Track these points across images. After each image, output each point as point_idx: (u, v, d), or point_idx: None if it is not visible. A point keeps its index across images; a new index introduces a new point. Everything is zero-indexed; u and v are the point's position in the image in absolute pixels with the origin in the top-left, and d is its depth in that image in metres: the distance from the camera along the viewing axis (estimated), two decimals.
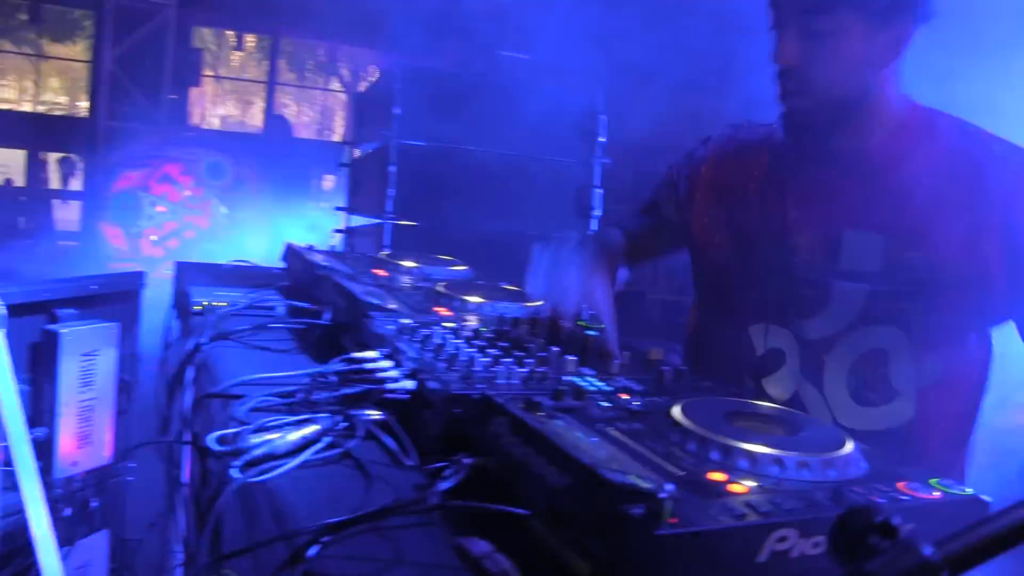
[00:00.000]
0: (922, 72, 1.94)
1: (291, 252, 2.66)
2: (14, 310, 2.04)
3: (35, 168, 11.95)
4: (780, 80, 1.92)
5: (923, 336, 1.89)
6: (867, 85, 1.88)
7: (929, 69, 1.99)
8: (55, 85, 19.89)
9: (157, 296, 2.85)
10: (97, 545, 2.51)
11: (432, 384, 1.43)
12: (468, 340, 1.69)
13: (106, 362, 2.44)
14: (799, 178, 2.03)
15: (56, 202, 11.84)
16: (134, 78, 9.98)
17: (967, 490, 1.25)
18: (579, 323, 2.03)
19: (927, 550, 0.61)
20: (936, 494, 1.22)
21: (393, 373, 1.53)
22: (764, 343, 2.06)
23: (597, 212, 4.98)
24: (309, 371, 1.65)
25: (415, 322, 1.80)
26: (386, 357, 1.61)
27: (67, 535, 2.32)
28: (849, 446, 1.29)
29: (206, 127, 17.67)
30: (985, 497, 1.24)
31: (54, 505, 2.20)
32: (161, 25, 10.09)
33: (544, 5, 10.74)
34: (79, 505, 2.36)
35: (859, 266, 1.90)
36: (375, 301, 1.93)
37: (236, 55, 19.41)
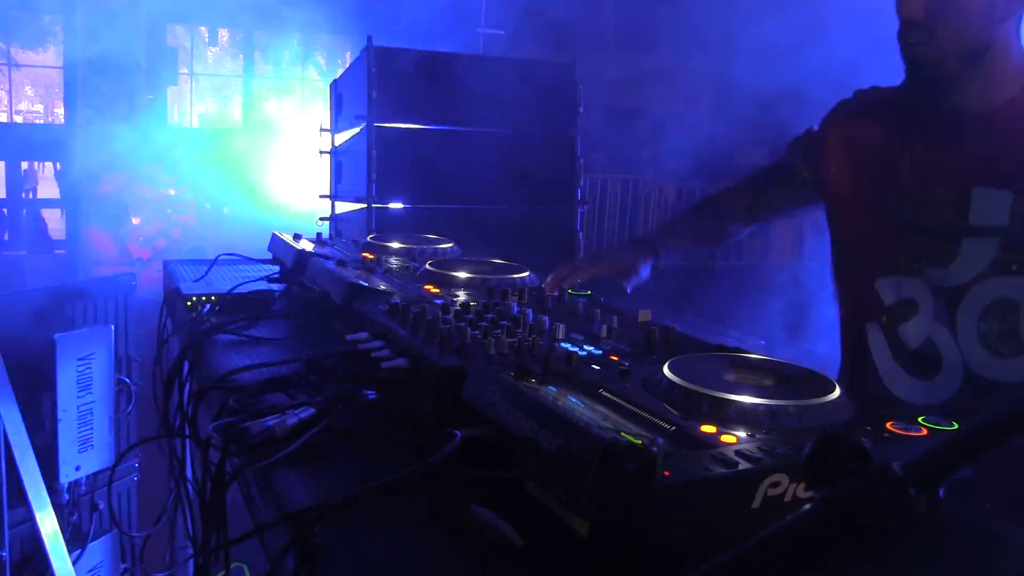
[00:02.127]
0: None
1: (278, 242, 2.66)
2: (7, 319, 2.05)
3: (14, 178, 11.89)
4: (905, 33, 1.94)
5: None
6: (991, 37, 1.90)
7: None
8: (30, 93, 19.77)
9: (149, 296, 2.86)
10: (107, 546, 2.53)
11: (424, 359, 1.45)
12: (458, 315, 1.70)
13: (102, 365, 2.45)
14: (927, 134, 2.06)
15: (40, 211, 11.80)
16: (109, 81, 9.92)
17: (954, 425, 1.27)
18: (570, 291, 2.05)
19: (899, 469, 0.63)
20: (923, 431, 1.24)
21: (386, 352, 1.54)
22: (897, 293, 2.10)
23: (580, 183, 4.99)
24: (303, 356, 1.67)
25: (405, 301, 1.82)
26: (378, 337, 1.63)
27: (77, 539, 2.34)
28: (836, 392, 1.30)
29: (186, 125, 17.60)
30: None
31: (61, 511, 2.22)
32: (132, 25, 10.02)
33: None
34: (86, 509, 2.38)
35: (988, 221, 1.93)
36: (364, 284, 1.94)
37: (211, 51, 19.29)
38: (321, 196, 5.32)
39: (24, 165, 12.39)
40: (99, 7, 9.80)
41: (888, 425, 1.25)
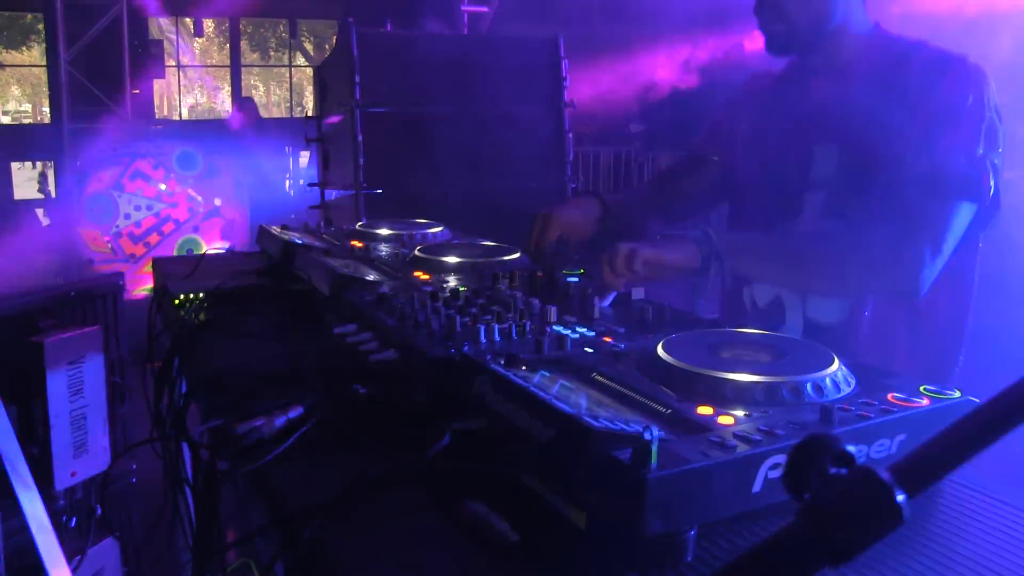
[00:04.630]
0: None
1: (265, 234, 2.64)
2: None
3: (4, 178, 11.85)
4: (759, 10, 2.20)
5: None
6: (832, 12, 2.15)
7: None
8: (16, 93, 19.71)
9: (142, 294, 2.83)
10: (107, 552, 2.51)
11: (412, 350, 1.42)
12: (447, 302, 1.68)
13: (93, 368, 2.42)
14: (784, 101, 2.31)
15: (31, 211, 11.77)
16: (93, 77, 9.86)
17: (956, 393, 1.25)
18: (563, 271, 2.02)
19: (884, 474, 0.60)
20: (925, 401, 1.22)
21: (374, 344, 1.52)
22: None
23: (569, 158, 4.95)
24: (292, 351, 1.64)
25: (393, 290, 1.79)
26: (366, 328, 1.60)
27: (76, 545, 2.32)
28: (835, 365, 1.28)
29: (175, 118, 17.55)
30: (973, 398, 1.24)
31: (58, 518, 2.19)
32: (114, 20, 9.96)
33: None
34: (84, 514, 2.36)
35: (822, 173, 2.15)
36: (352, 273, 1.92)
37: (197, 42, 19.23)
38: (310, 184, 5.29)
39: (16, 165, 12.35)
40: (80, 2, 9.74)
41: (890, 397, 1.23)
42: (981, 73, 2.03)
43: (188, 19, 17.26)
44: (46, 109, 13.38)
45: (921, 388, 1.26)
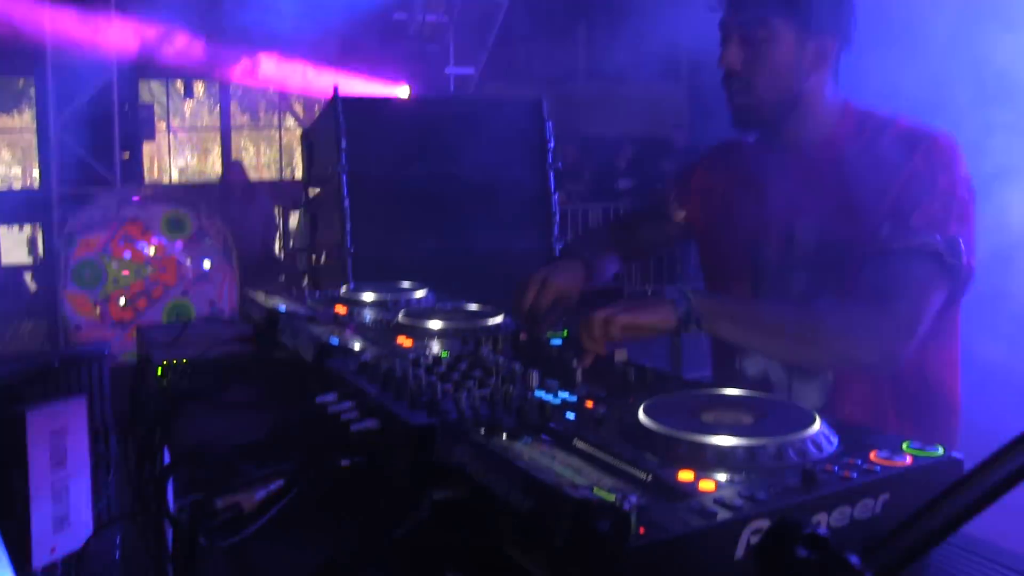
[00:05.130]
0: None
1: (249, 301, 2.63)
2: None
3: None
4: (726, 83, 2.21)
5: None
6: (800, 88, 2.16)
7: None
8: (7, 158, 19.77)
9: (130, 360, 2.82)
10: None
11: (393, 419, 1.42)
12: (429, 368, 1.67)
13: (77, 438, 2.40)
14: (760, 177, 2.30)
15: (20, 275, 11.76)
16: (83, 142, 9.90)
17: (939, 450, 1.25)
18: (548, 334, 2.02)
19: (854, 559, 0.60)
20: (908, 459, 1.22)
21: (356, 413, 1.51)
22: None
23: (556, 218, 4.98)
24: (273, 422, 1.63)
25: (376, 357, 1.79)
26: (348, 397, 1.59)
27: None
28: (817, 424, 1.28)
29: (165, 181, 17.60)
30: (957, 455, 1.24)
31: None
32: (105, 84, 10.02)
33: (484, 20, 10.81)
34: None
35: (807, 252, 2.16)
36: (335, 341, 1.91)
37: (188, 104, 19.34)
38: (298, 248, 5.31)
39: (4, 229, 12.37)
40: (71, 67, 9.80)
41: (873, 455, 1.22)
42: (953, 149, 2.06)
43: (179, 82, 17.39)
44: (36, 173, 13.42)
45: (904, 446, 1.26)
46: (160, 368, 2.23)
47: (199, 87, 18.22)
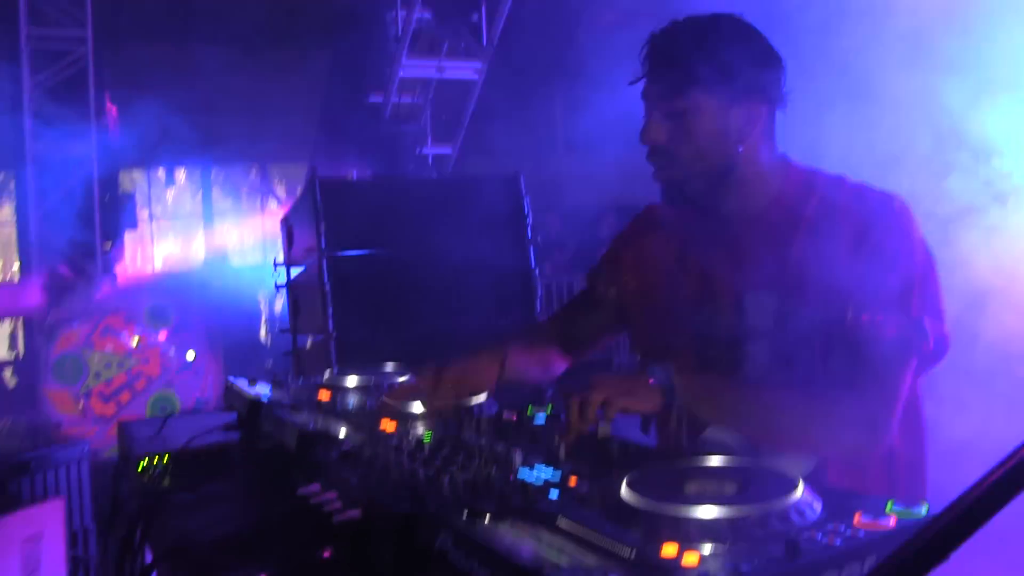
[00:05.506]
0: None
1: (232, 390, 2.62)
2: None
3: None
4: (651, 158, 2.13)
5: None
6: (730, 156, 2.06)
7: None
8: None
9: (112, 457, 2.80)
10: None
11: (376, 509, 1.41)
12: (411, 454, 1.66)
13: (53, 543, 2.36)
14: (702, 245, 2.20)
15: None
16: (64, 234, 9.90)
17: (923, 510, 1.25)
18: (528, 412, 2.01)
19: None
20: (892, 521, 1.21)
21: (339, 503, 1.50)
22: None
23: (538, 293, 4.99)
24: (256, 515, 1.62)
25: (358, 444, 1.78)
26: (331, 487, 1.58)
27: None
28: (799, 491, 1.27)
29: (149, 270, 17.58)
30: None
31: None
32: (86, 176, 10.06)
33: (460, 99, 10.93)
34: None
35: (760, 324, 2.05)
36: (318, 429, 1.90)
37: (170, 191, 19.37)
38: (281, 330, 5.30)
39: None
40: (50, 160, 9.84)
41: (856, 519, 1.22)
42: (905, 212, 2.00)
43: (160, 170, 17.44)
44: (16, 267, 13.39)
45: (888, 506, 1.26)
46: (141, 463, 2.21)
47: (181, 174, 18.29)
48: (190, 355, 8.78)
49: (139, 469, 2.21)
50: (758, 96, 2.06)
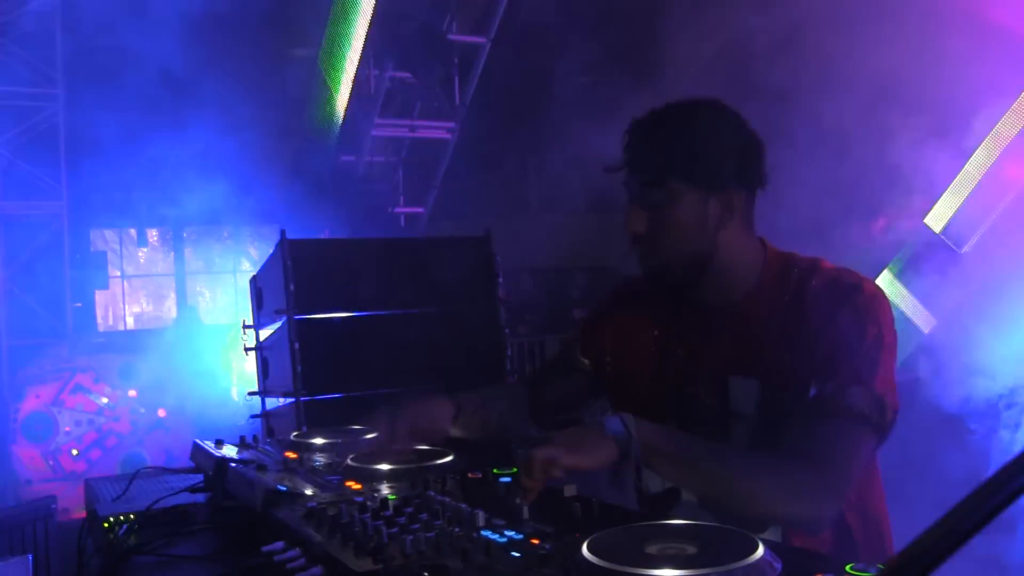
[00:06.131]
0: None
1: (199, 450, 2.62)
2: None
3: None
4: (633, 248, 2.16)
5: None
6: (709, 244, 2.10)
7: None
8: None
9: (81, 514, 2.77)
10: None
11: (339, 568, 1.42)
12: (375, 513, 1.67)
13: None
14: (685, 326, 2.23)
15: None
16: (33, 292, 9.86)
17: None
18: (493, 471, 2.03)
19: None
20: None
21: (302, 561, 1.51)
22: (662, 483, 2.11)
23: (508, 353, 5.00)
24: (220, 574, 1.62)
25: (323, 503, 1.79)
26: (295, 545, 1.59)
27: None
28: (759, 552, 1.29)
29: (120, 328, 17.47)
30: None
31: None
32: (55, 234, 10.05)
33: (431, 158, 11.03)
34: None
35: (744, 408, 2.08)
36: (283, 488, 1.91)
37: (142, 251, 19.32)
38: (250, 393, 5.28)
39: None
40: (20, 222, 9.82)
41: None
42: (878, 299, 2.04)
43: (132, 230, 17.40)
44: None
45: (847, 568, 1.28)
46: (107, 523, 2.20)
47: (153, 234, 18.26)
48: (161, 413, 8.72)
49: (105, 527, 2.19)
50: (736, 184, 2.10)
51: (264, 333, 5.27)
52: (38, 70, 9.75)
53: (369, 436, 2.51)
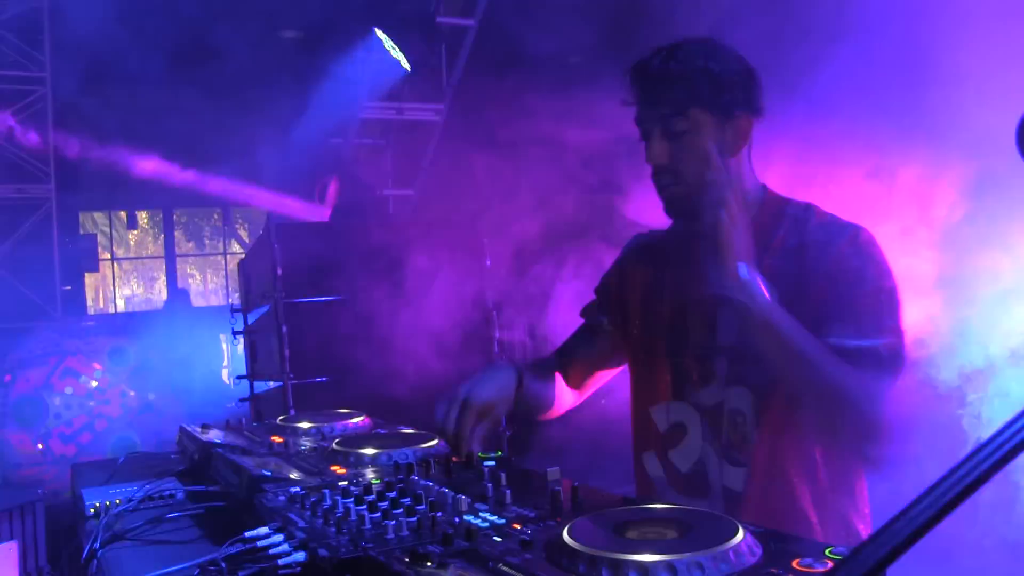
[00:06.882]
0: None
1: (185, 434, 2.62)
2: None
3: None
4: (656, 177, 2.21)
5: (768, 397, 2.10)
6: (725, 170, 2.12)
7: None
8: None
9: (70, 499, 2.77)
10: None
11: (321, 553, 1.42)
12: (359, 497, 1.68)
13: None
14: (681, 265, 2.28)
15: None
16: (22, 276, 9.83)
17: None
18: (478, 455, 2.03)
19: None
20: (829, 564, 1.23)
21: (285, 547, 1.51)
22: (667, 418, 2.26)
23: (496, 337, 5.01)
24: (204, 560, 1.62)
25: (308, 488, 1.79)
26: (277, 531, 1.59)
27: None
28: (740, 535, 1.30)
29: (111, 311, 17.44)
30: None
31: None
32: (44, 217, 10.02)
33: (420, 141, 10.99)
34: None
35: (728, 337, 2.16)
36: (267, 473, 1.91)
37: (132, 234, 19.30)
38: (239, 377, 5.29)
39: None
40: (8, 206, 9.79)
41: (795, 563, 1.24)
42: (872, 240, 2.09)
43: (122, 212, 17.36)
44: None
45: (827, 552, 1.28)
46: (92, 508, 2.20)
47: (143, 217, 18.23)
48: (151, 396, 8.71)
49: (91, 513, 2.19)
50: (746, 109, 2.17)
51: (253, 317, 5.27)
52: (25, 52, 9.70)
53: (355, 420, 2.51)
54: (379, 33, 9.60)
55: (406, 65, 9.58)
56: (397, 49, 9.61)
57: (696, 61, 2.13)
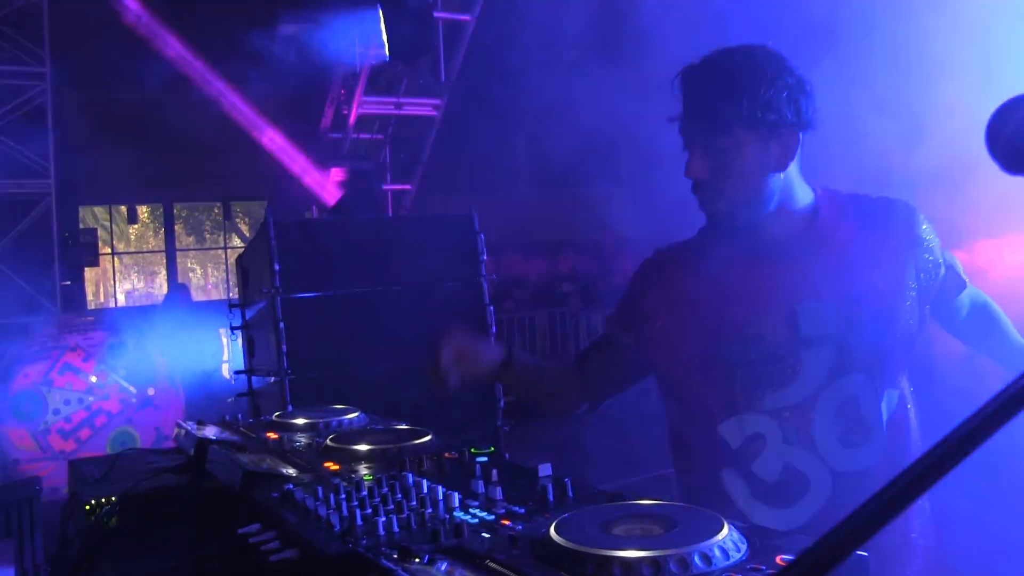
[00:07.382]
0: None
1: (180, 431, 2.63)
2: None
3: None
4: (696, 192, 2.22)
5: (882, 375, 2.18)
6: (770, 187, 2.17)
7: None
8: None
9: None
10: None
11: (311, 549, 1.44)
12: (350, 494, 1.69)
13: None
14: (739, 270, 2.26)
15: None
16: (22, 271, 9.84)
17: None
18: (472, 450, 2.05)
19: None
20: None
21: (277, 543, 1.53)
22: (742, 433, 2.21)
23: (493, 329, 5.03)
24: (197, 556, 1.64)
25: (300, 484, 1.81)
26: (271, 527, 1.61)
27: None
28: (724, 531, 1.31)
29: (112, 305, 17.46)
30: (861, 552, 1.28)
31: None
32: (44, 211, 10.02)
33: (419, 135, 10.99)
34: None
35: (818, 331, 2.15)
36: (260, 469, 1.93)
37: (132, 228, 19.31)
38: (237, 372, 5.30)
39: None
40: (8, 200, 9.80)
41: (779, 559, 1.26)
42: (917, 212, 2.25)
43: (122, 206, 17.37)
44: None
45: None
46: (88, 505, 2.21)
47: (143, 211, 18.24)
48: (150, 392, 8.72)
49: (87, 509, 2.21)
50: (793, 126, 2.15)
51: (251, 312, 5.29)
52: (25, 49, 9.70)
53: (351, 416, 2.53)
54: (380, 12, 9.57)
55: (387, 52, 9.55)
56: (385, 33, 9.59)
57: (742, 78, 2.11)
